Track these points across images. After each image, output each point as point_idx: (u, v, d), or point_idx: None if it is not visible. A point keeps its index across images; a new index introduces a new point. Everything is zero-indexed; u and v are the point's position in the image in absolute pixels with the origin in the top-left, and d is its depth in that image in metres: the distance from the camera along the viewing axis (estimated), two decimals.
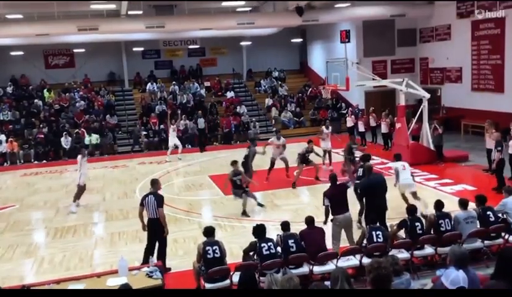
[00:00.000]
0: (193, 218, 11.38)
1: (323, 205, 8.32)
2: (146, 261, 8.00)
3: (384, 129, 18.11)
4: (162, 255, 8.12)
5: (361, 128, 19.58)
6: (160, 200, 8.20)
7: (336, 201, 8.19)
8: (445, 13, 21.02)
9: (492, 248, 7.83)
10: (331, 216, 8.26)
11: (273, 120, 23.95)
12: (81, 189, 12.59)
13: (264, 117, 24.35)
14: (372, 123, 19.44)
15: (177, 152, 18.55)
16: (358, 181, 9.73)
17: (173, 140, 18.41)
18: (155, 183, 8.50)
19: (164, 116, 22.48)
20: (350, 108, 21.65)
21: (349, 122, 20.30)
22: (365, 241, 7.47)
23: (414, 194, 10.36)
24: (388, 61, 23.51)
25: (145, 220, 8.34)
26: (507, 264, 4.13)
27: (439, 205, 7.92)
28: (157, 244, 8.23)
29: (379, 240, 7.28)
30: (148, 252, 8.16)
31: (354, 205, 8.60)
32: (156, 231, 8.13)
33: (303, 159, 13.65)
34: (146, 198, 8.22)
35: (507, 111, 17.73)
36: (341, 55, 16.72)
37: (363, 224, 8.35)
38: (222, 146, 20.67)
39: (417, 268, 7.49)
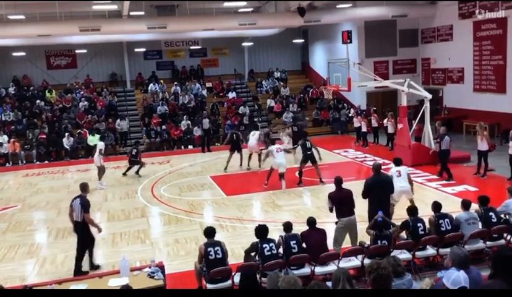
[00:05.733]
0: (195, 218, 11.38)
1: (328, 206, 8.24)
2: None
3: (390, 129, 18.01)
4: None
5: (363, 128, 19.55)
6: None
7: (340, 204, 8.11)
8: (447, 14, 21.00)
9: (494, 249, 7.80)
10: (335, 219, 8.17)
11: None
12: (101, 168, 14.65)
13: (266, 118, 24.35)
14: (374, 123, 19.40)
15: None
16: None
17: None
18: None
19: (166, 116, 22.57)
20: (353, 109, 21.62)
21: (356, 122, 20.29)
22: (367, 243, 7.47)
23: (411, 201, 9.77)
24: (390, 62, 23.48)
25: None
26: (504, 263, 4.13)
27: (437, 206, 7.88)
28: None
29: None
30: None
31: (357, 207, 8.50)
32: None
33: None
34: None
35: (509, 112, 17.71)
36: (343, 56, 16.70)
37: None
38: (224, 147, 20.62)
39: (418, 269, 7.48)
